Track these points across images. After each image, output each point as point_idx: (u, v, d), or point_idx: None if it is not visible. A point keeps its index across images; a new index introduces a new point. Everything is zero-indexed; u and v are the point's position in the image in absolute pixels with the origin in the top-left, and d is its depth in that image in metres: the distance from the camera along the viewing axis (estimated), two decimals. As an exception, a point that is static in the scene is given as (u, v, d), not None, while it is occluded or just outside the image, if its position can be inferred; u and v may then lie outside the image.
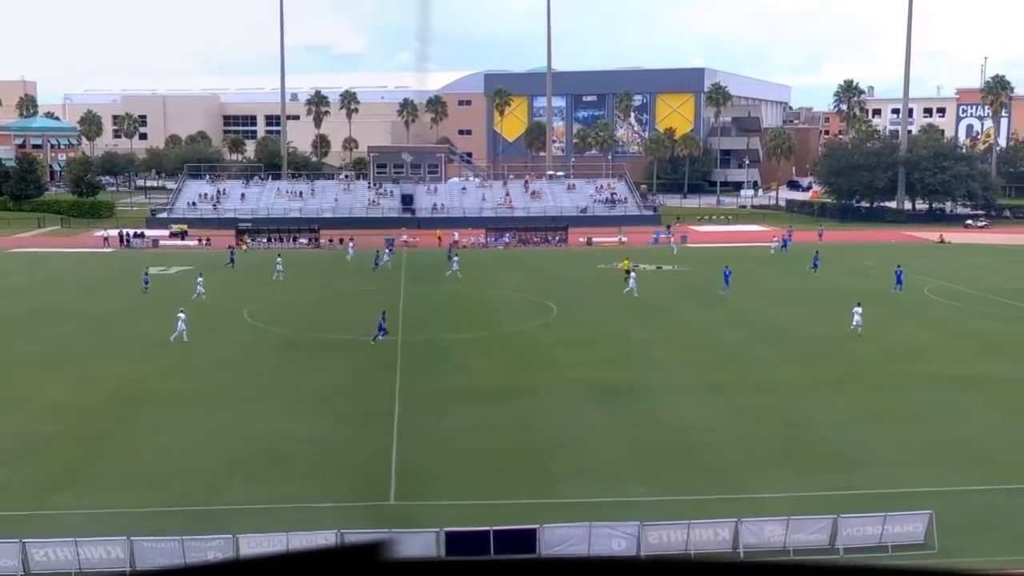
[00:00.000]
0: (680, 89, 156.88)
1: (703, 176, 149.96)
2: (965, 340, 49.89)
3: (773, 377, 41.87)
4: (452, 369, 43.27)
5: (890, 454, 31.88)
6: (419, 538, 23.51)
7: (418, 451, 32.05)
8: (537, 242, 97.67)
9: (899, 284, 63.75)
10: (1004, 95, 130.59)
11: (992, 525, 26.22)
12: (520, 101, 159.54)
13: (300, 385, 40.57)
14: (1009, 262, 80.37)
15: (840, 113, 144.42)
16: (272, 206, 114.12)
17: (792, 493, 28.15)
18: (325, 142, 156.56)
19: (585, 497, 28.02)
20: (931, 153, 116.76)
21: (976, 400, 38.33)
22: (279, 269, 70.13)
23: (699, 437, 33.66)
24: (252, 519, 25.99)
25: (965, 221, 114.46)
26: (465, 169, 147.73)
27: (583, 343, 48.82)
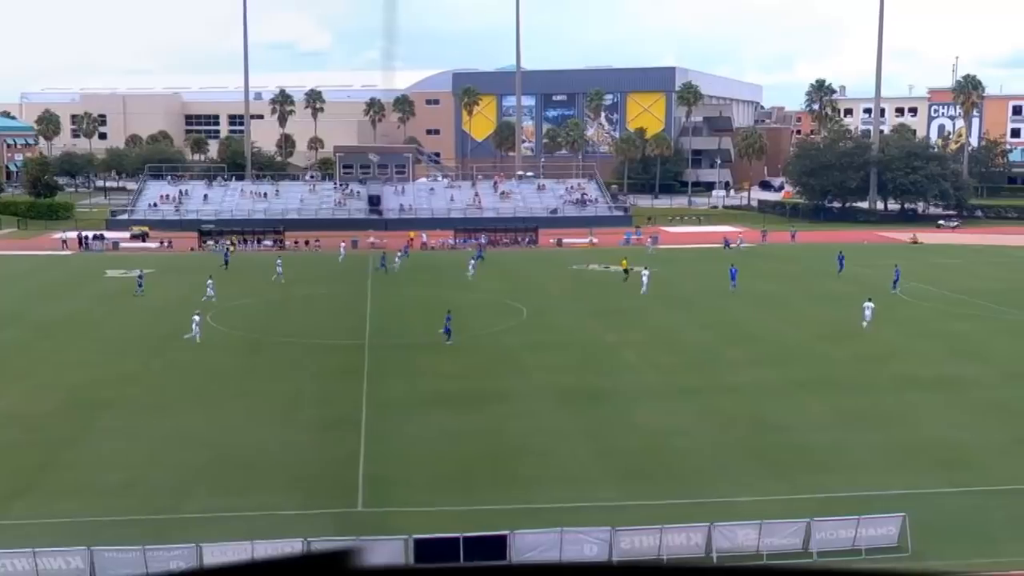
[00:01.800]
0: (651, 88, 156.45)
1: (674, 176, 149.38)
2: (937, 341, 49.97)
3: (744, 380, 41.77)
4: (420, 374, 42.83)
5: (862, 457, 31.93)
6: (387, 545, 23.40)
7: (386, 457, 31.80)
8: (507, 243, 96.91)
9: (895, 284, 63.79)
10: (975, 95, 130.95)
11: (964, 527, 26.34)
12: (489, 100, 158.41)
13: (265, 391, 39.98)
14: (981, 263, 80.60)
15: (812, 113, 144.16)
16: (236, 207, 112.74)
17: (764, 497, 28.07)
18: (290, 142, 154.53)
19: (555, 503, 27.89)
20: (903, 153, 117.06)
21: (948, 402, 38.39)
22: (279, 271, 69.33)
23: (670, 441, 33.56)
24: (216, 528, 25.66)
25: (937, 221, 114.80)
26: (433, 169, 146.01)
27: (553, 346, 48.51)
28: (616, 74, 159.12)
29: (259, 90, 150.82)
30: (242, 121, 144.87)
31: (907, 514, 25.29)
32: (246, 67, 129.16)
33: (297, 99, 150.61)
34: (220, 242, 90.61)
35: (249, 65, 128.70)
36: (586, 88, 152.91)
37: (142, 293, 63.10)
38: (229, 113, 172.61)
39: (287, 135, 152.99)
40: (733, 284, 65.22)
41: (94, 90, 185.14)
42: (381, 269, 73.54)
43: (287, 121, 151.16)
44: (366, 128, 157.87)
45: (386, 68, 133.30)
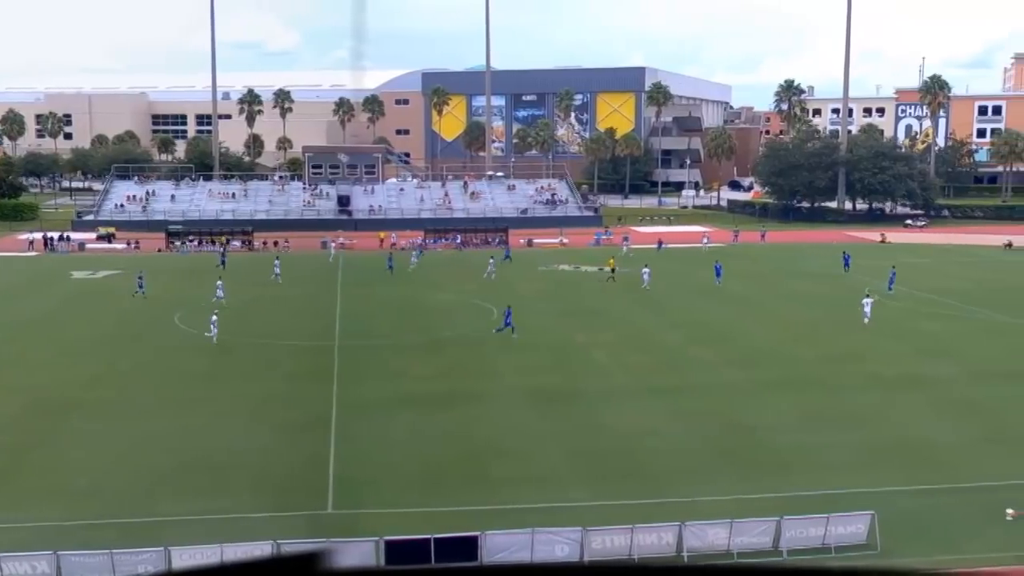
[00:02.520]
0: (620, 88, 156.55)
1: (644, 176, 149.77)
2: (905, 341, 50.22)
3: (714, 380, 41.86)
4: (391, 375, 42.63)
5: (831, 456, 32.08)
6: (358, 547, 23.31)
7: (356, 459, 31.66)
8: (477, 244, 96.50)
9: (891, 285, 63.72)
10: (942, 95, 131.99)
11: (932, 525, 26.57)
12: (459, 100, 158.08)
13: (234, 393, 39.69)
14: (948, 262, 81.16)
15: (781, 113, 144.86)
16: (204, 208, 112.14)
17: (735, 496, 28.15)
18: (258, 142, 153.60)
19: (526, 503, 27.87)
20: (871, 153, 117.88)
21: (915, 401, 38.58)
22: (277, 272, 68.76)
23: (641, 441, 33.56)
24: (185, 531, 25.44)
25: (905, 221, 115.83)
26: (403, 170, 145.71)
27: (524, 347, 48.33)
28: (586, 74, 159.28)
29: (227, 90, 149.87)
30: (210, 121, 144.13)
31: (875, 512, 25.43)
32: (213, 66, 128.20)
33: (265, 99, 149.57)
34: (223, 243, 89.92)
35: (216, 64, 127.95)
36: (556, 88, 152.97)
37: (143, 294, 62.02)
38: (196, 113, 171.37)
39: (255, 135, 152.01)
40: (718, 280, 66.70)
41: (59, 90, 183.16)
42: (388, 271, 72.97)
43: (255, 121, 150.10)
44: (335, 128, 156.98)
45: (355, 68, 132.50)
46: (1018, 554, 24.55)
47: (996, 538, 25.58)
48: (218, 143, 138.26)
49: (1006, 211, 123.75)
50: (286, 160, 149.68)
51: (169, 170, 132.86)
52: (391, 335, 51.31)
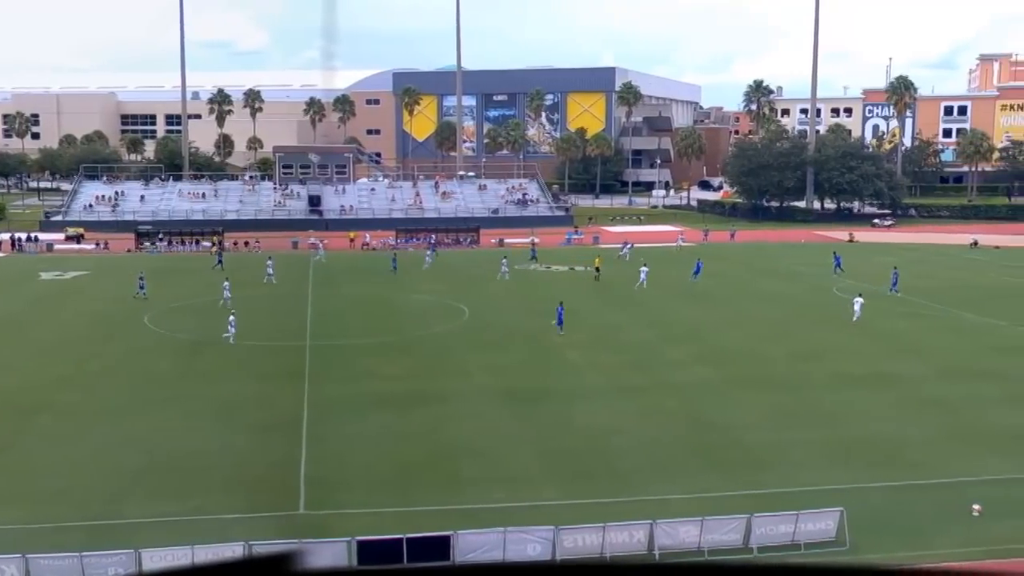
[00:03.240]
0: (591, 88, 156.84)
1: (615, 176, 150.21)
2: (873, 339, 50.48)
3: (684, 378, 42.03)
4: (361, 375, 42.57)
5: (800, 453, 32.30)
6: (330, 548, 23.23)
7: (328, 459, 31.56)
8: (448, 243, 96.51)
9: (895, 286, 63.47)
10: (908, 95, 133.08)
11: (900, 521, 26.72)
12: (429, 100, 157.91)
13: (204, 394, 39.51)
14: (915, 261, 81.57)
15: (750, 113, 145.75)
16: (173, 208, 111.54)
17: (705, 494, 28.31)
18: (228, 142, 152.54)
19: (498, 503, 27.86)
20: (839, 153, 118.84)
21: (883, 399, 38.79)
22: (270, 272, 68.17)
23: (612, 440, 33.61)
24: (155, 533, 25.21)
25: (872, 220, 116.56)
26: (374, 169, 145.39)
27: (495, 346, 48.47)
28: (556, 74, 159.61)
29: (196, 89, 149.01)
30: (179, 121, 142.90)
31: (844, 509, 25.57)
32: (183, 66, 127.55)
33: (235, 99, 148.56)
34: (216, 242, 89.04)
35: (186, 64, 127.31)
36: (527, 88, 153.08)
37: (145, 295, 61.31)
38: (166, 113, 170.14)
39: (225, 135, 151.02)
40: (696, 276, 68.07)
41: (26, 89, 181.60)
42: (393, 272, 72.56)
43: (225, 121, 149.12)
44: (306, 128, 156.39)
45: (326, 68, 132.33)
46: (984, 549, 24.74)
47: (962, 534, 25.86)
48: (188, 143, 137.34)
49: (972, 210, 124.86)
50: (256, 160, 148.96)
51: (138, 170, 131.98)
52: (363, 335, 51.19)
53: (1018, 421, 35.62)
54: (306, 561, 2.34)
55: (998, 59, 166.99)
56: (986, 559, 24.19)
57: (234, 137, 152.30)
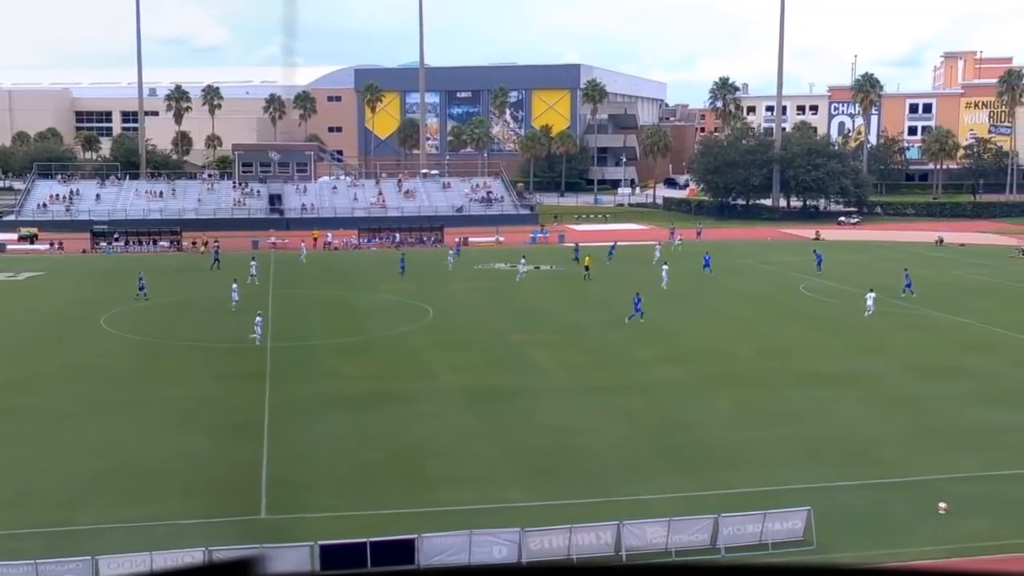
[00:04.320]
0: (556, 86, 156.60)
1: (580, 174, 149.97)
2: (840, 337, 50.69)
3: (651, 378, 41.90)
4: (324, 376, 42.19)
5: (768, 452, 32.25)
6: (292, 552, 23.08)
7: (289, 462, 31.25)
8: (412, 243, 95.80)
9: (908, 287, 61.89)
10: (874, 93, 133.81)
11: (867, 520, 26.71)
12: (392, 97, 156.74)
13: (163, 396, 38.93)
14: (881, 258, 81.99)
15: (715, 110, 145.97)
16: (130, 207, 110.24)
17: (673, 494, 28.21)
18: (186, 140, 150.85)
19: (463, 504, 27.65)
20: (804, 150, 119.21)
21: (851, 397, 38.88)
22: (253, 273, 67.09)
23: (578, 440, 33.46)
24: (113, 539, 24.87)
25: (838, 218, 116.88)
26: (336, 168, 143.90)
27: (460, 346, 48.20)
28: (521, 71, 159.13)
29: (153, 86, 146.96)
30: (136, 118, 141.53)
31: (812, 508, 25.53)
32: (139, 62, 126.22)
33: (193, 95, 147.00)
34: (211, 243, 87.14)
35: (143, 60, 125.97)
36: (491, 85, 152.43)
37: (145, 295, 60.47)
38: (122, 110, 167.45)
39: (183, 133, 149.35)
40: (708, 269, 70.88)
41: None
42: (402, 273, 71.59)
43: (183, 118, 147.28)
44: (266, 125, 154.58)
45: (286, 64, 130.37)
46: (951, 547, 24.77)
47: (930, 532, 25.88)
48: (144, 141, 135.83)
49: (937, 208, 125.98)
50: (215, 158, 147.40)
51: (94, 169, 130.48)
52: (325, 335, 50.74)
53: (985, 419, 35.78)
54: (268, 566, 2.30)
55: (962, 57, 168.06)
56: (953, 557, 24.30)
57: (192, 135, 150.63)
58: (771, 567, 2.50)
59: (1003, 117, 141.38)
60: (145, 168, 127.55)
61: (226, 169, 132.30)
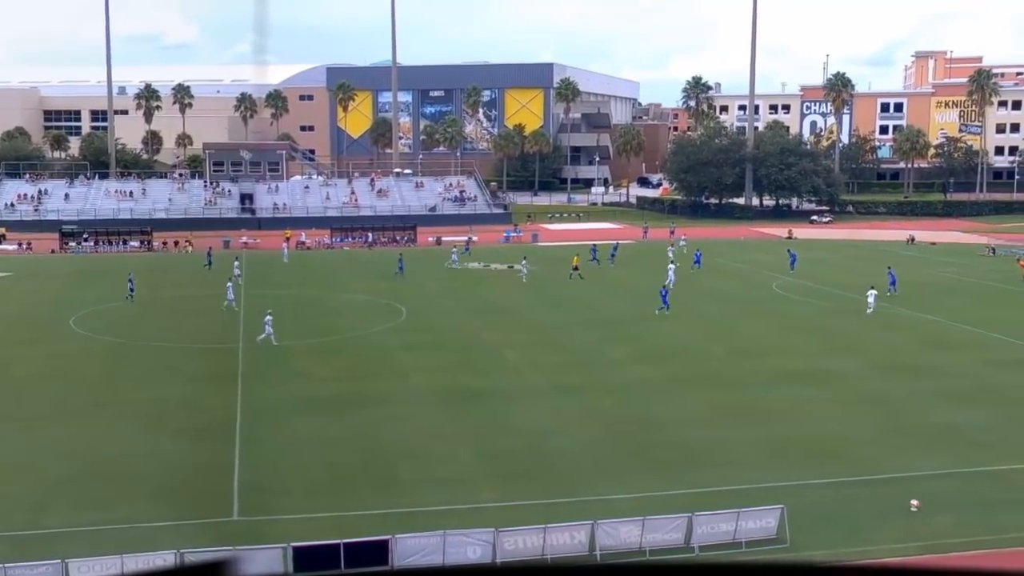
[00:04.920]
0: (529, 85, 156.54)
1: (554, 173, 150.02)
2: (811, 336, 51.11)
3: (624, 377, 42.06)
4: (296, 377, 42.06)
5: (741, 451, 32.43)
6: (265, 554, 23.11)
7: (262, 464, 31.21)
8: (385, 242, 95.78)
9: (893, 284, 62.16)
10: (845, 92, 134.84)
11: (840, 517, 26.96)
12: (364, 96, 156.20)
13: (133, 398, 38.73)
14: (852, 257, 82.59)
15: (688, 109, 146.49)
16: (100, 207, 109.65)
17: (646, 493, 28.37)
18: (157, 139, 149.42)
19: (437, 505, 27.67)
20: (777, 150, 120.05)
21: (822, 395, 39.21)
22: (237, 273, 66.46)
23: (552, 441, 33.59)
24: (83, 542, 24.78)
25: (811, 217, 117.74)
26: (308, 167, 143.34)
27: (433, 346, 48.24)
28: (494, 70, 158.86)
29: (123, 84, 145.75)
30: (105, 117, 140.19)
31: (785, 506, 25.69)
32: (108, 60, 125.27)
33: (164, 94, 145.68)
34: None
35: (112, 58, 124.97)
36: (464, 84, 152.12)
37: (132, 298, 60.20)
38: (91, 108, 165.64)
39: (154, 132, 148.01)
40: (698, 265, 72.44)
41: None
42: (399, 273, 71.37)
43: (153, 117, 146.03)
44: (237, 124, 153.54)
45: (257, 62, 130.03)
46: (923, 544, 24.99)
47: (901, 529, 26.08)
48: (114, 140, 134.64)
49: (908, 206, 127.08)
50: (186, 157, 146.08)
51: (63, 168, 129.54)
52: (297, 336, 50.58)
53: (954, 417, 36.18)
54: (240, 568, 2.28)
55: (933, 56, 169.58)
56: (925, 554, 24.50)
57: (162, 133, 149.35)
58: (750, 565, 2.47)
59: (973, 116, 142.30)
60: (115, 167, 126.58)
61: (197, 168, 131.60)
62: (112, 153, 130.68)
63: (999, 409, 37.17)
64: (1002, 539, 25.41)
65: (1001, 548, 24.85)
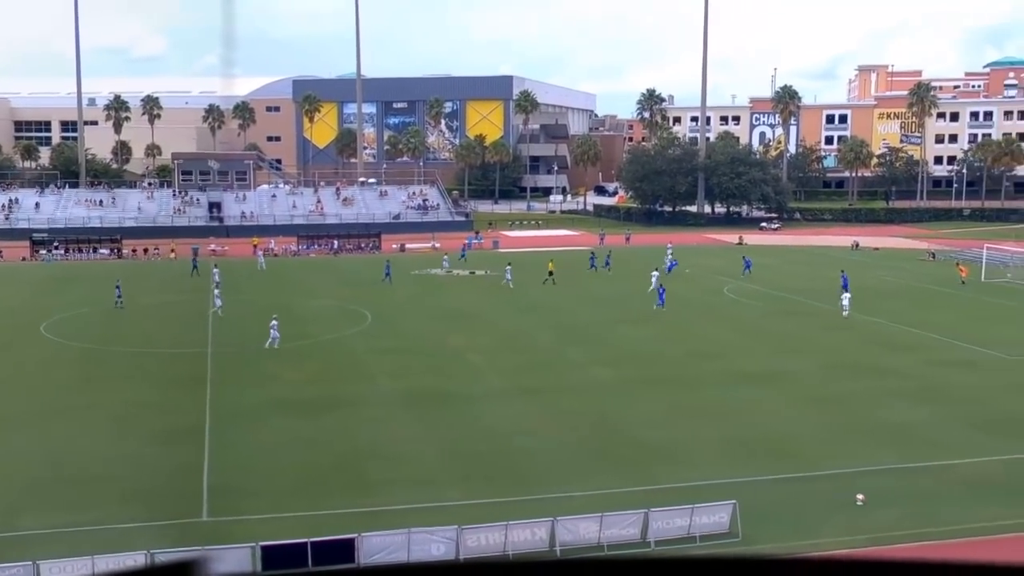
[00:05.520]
0: (489, 96, 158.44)
1: (513, 182, 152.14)
2: (762, 338, 52.07)
3: (584, 379, 42.72)
4: (265, 380, 42.32)
5: (695, 449, 33.05)
6: (234, 554, 23.07)
7: (231, 466, 31.34)
8: (350, 249, 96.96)
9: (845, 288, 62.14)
10: (792, 104, 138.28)
11: (789, 512, 27.56)
12: (330, 107, 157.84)
13: (103, 403, 38.87)
14: (801, 262, 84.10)
15: (643, 120, 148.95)
16: (70, 215, 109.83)
17: (604, 490, 28.73)
18: (126, 149, 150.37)
19: (403, 504, 27.92)
20: (728, 159, 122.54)
21: (772, 395, 40.01)
22: (216, 280, 66.54)
23: (514, 441, 33.98)
24: (54, 545, 24.72)
25: (760, 224, 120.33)
26: (275, 176, 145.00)
27: (398, 351, 48.53)
28: (455, 82, 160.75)
29: (92, 95, 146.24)
30: (75, 127, 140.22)
31: (737, 501, 26.14)
32: (78, 72, 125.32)
33: (133, 105, 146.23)
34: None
35: (82, 70, 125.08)
36: (426, 96, 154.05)
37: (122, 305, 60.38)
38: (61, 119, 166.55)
39: (123, 142, 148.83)
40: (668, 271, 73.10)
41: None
42: (386, 280, 71.79)
43: (123, 128, 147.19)
44: (205, 135, 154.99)
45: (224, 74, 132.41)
46: (868, 537, 25.48)
47: (848, 523, 26.61)
48: (84, 150, 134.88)
49: (853, 214, 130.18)
50: (155, 167, 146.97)
51: (33, 177, 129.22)
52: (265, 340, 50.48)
53: (897, 415, 37.12)
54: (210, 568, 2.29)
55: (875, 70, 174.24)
56: (870, 546, 24.87)
57: (132, 144, 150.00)
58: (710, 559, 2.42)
59: (913, 127, 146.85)
60: (85, 177, 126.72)
61: (166, 178, 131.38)
62: (82, 163, 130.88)
63: (940, 407, 38.09)
64: (944, 531, 25.99)
65: (943, 540, 25.36)
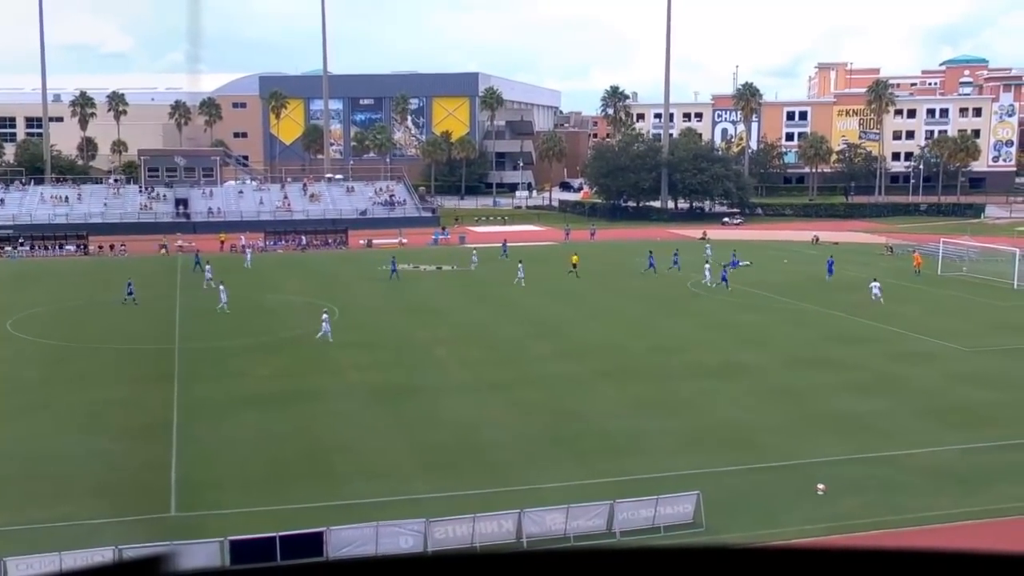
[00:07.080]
0: (455, 93, 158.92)
1: (479, 178, 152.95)
2: (724, 331, 52.73)
3: (549, 372, 43.14)
4: (232, 376, 42.52)
5: (659, 441, 33.52)
6: (203, 548, 23.12)
7: (199, 461, 31.43)
8: (317, 245, 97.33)
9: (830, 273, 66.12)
10: (754, 101, 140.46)
11: (752, 502, 28.07)
12: (296, 104, 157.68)
13: (70, 400, 38.80)
14: (762, 257, 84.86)
15: (607, 117, 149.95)
16: (35, 212, 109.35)
17: (570, 482, 29.06)
18: (92, 145, 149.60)
19: (371, 497, 28.10)
20: (690, 155, 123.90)
21: (735, 388, 40.58)
22: (208, 277, 66.64)
23: (480, 434, 34.32)
24: (21, 541, 24.70)
25: (723, 219, 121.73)
26: (241, 172, 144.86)
27: (365, 345, 48.81)
28: (422, 79, 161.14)
29: (58, 92, 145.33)
30: (40, 124, 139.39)
31: (700, 492, 26.53)
32: (43, 68, 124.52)
33: (99, 101, 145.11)
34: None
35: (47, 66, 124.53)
36: (393, 92, 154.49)
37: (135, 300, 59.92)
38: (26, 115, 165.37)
39: (89, 138, 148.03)
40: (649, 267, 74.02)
41: None
42: (393, 276, 71.81)
43: (88, 124, 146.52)
44: (171, 131, 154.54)
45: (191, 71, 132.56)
46: (828, 525, 26.07)
47: (808, 511, 27.15)
48: (49, 146, 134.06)
49: (812, 209, 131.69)
50: (121, 163, 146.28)
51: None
52: (233, 336, 50.97)
53: (856, 406, 37.73)
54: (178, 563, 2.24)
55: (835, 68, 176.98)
56: (830, 535, 25.43)
57: (98, 140, 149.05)
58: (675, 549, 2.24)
59: (872, 124, 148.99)
60: (50, 173, 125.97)
61: (132, 174, 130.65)
62: (47, 159, 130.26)
63: (897, 398, 38.76)
64: (903, 519, 26.55)
65: (902, 528, 25.91)
